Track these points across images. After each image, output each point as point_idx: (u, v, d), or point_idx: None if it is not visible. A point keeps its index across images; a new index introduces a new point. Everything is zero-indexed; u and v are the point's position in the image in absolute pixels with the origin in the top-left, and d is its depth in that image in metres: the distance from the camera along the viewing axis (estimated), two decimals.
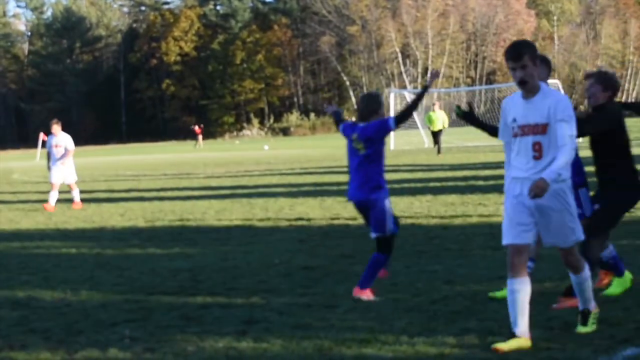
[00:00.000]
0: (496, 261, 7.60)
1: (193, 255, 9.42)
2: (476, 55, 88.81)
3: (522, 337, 4.79)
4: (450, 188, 16.07)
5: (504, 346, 4.73)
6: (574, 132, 4.93)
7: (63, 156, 16.04)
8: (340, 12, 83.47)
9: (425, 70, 75.82)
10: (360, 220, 7.32)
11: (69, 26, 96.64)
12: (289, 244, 9.83)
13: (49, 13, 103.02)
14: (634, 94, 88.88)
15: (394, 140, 37.19)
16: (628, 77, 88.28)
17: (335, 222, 11.80)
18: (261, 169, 28.10)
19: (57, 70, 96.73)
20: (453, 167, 22.98)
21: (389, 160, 7.86)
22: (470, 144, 36.39)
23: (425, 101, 29.80)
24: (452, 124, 33.39)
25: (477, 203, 13.15)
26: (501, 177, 18.01)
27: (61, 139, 16.29)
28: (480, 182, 17.10)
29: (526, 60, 4.90)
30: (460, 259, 8.22)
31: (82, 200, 16.21)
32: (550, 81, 9.47)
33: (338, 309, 6.09)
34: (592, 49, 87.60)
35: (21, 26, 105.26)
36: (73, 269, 8.73)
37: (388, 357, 4.84)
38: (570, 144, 4.85)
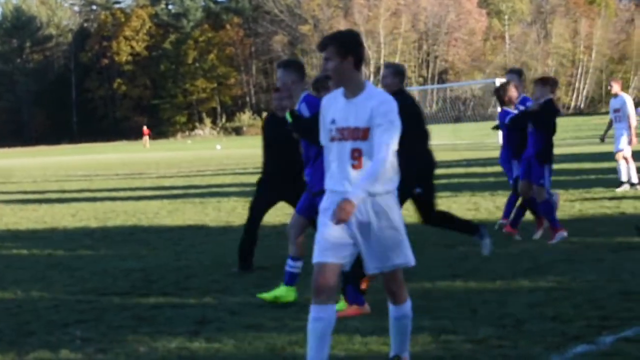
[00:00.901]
0: (450, 259, 7.81)
1: (145, 255, 9.43)
2: (428, 55, 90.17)
3: None
4: None
5: None
6: (392, 140, 4.21)
7: None
8: (293, 11, 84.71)
9: (378, 69, 75.56)
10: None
11: (19, 25, 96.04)
12: None
13: None
14: (585, 93, 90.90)
15: None
16: (578, 76, 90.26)
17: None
18: (213, 169, 28.12)
19: (7, 70, 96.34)
20: None
21: None
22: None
23: None
24: None
25: None
26: (453, 175, 18.49)
27: None
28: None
29: (330, 53, 4.31)
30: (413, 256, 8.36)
31: (34, 201, 16.05)
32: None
33: (290, 309, 6.15)
34: (542, 48, 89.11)
35: None
36: (24, 269, 8.70)
37: (341, 356, 4.88)
38: (385, 154, 4.16)
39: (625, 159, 13.55)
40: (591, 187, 13.83)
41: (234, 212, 13.24)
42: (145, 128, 69.82)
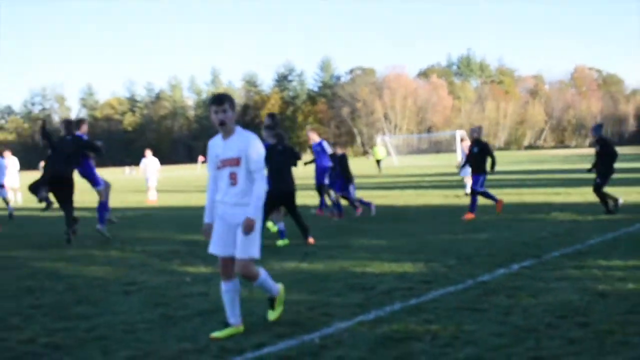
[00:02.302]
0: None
1: None
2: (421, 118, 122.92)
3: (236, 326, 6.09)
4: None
5: (220, 334, 6.01)
6: (260, 165, 5.99)
7: None
8: (352, 95, 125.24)
9: (395, 126, 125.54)
10: None
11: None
12: None
13: None
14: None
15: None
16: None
17: None
18: None
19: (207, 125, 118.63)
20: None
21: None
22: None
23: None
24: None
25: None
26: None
27: None
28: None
29: (226, 106, 5.95)
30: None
31: None
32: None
33: (340, 249, 10.47)
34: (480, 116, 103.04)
35: None
36: None
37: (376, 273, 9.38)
38: (260, 177, 5.98)
39: None
40: None
41: None
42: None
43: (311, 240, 11.96)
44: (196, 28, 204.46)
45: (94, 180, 13.74)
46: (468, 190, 21.04)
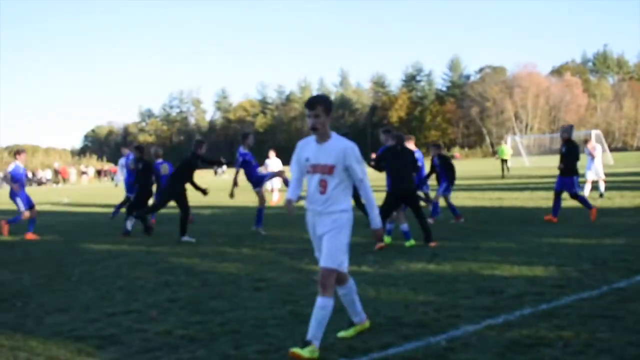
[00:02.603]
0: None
1: None
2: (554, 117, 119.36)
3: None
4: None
5: (347, 333, 6.11)
6: (366, 171, 5.77)
7: None
8: (481, 95, 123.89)
9: (526, 126, 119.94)
10: None
11: (342, 104, 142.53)
12: None
13: None
14: None
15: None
16: None
17: None
18: None
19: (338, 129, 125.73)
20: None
21: None
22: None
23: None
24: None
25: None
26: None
27: None
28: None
29: (319, 111, 5.63)
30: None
31: None
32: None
33: (484, 252, 10.36)
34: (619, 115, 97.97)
35: None
36: None
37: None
38: (368, 183, 5.78)
39: None
40: None
41: None
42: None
43: (433, 243, 11.80)
44: (325, 30, 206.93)
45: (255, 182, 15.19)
46: (602, 189, 20.41)
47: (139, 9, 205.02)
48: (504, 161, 40.91)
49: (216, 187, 30.29)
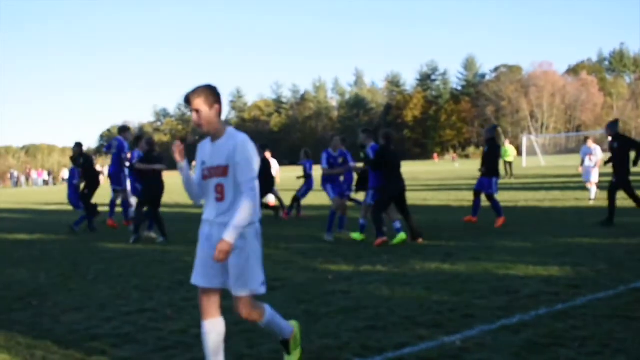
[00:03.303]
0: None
1: None
2: (570, 116, 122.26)
3: None
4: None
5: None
6: (252, 175, 4.63)
7: None
8: (497, 94, 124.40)
9: (541, 125, 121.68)
10: None
11: (357, 104, 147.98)
12: None
13: None
14: None
15: None
16: None
17: None
18: None
19: (351, 125, 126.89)
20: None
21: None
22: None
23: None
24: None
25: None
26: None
27: None
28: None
29: (199, 104, 4.68)
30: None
31: None
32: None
33: (496, 253, 10.31)
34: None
35: None
36: None
37: None
38: (248, 189, 4.61)
39: None
40: None
41: None
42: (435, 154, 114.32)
43: (420, 240, 12.22)
44: (340, 29, 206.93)
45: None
46: (592, 195, 19.82)
47: (155, 8, 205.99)
48: (507, 163, 38.39)
49: None
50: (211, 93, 4.75)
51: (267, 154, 23.48)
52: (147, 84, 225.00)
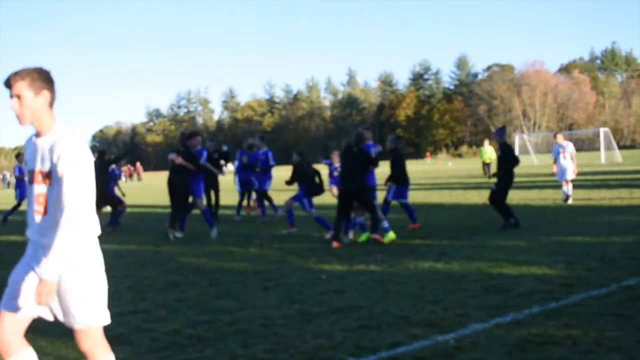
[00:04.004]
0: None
1: None
2: (562, 115, 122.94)
3: None
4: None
5: None
6: (77, 190, 3.63)
7: None
8: (489, 93, 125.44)
9: (534, 124, 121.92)
10: None
11: (350, 104, 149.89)
12: None
13: None
14: None
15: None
16: None
17: None
18: None
19: (344, 125, 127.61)
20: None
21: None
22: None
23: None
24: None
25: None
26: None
27: None
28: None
29: (21, 88, 3.70)
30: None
31: None
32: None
33: (494, 249, 10.33)
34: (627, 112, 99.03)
35: None
36: None
37: None
38: (70, 210, 3.62)
39: None
40: None
41: None
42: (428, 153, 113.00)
43: (377, 236, 12.18)
44: (333, 29, 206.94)
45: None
46: (569, 192, 19.03)
47: (147, 8, 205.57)
48: (485, 164, 36.96)
49: (223, 187, 30.25)
50: (39, 77, 3.78)
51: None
52: (139, 84, 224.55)
